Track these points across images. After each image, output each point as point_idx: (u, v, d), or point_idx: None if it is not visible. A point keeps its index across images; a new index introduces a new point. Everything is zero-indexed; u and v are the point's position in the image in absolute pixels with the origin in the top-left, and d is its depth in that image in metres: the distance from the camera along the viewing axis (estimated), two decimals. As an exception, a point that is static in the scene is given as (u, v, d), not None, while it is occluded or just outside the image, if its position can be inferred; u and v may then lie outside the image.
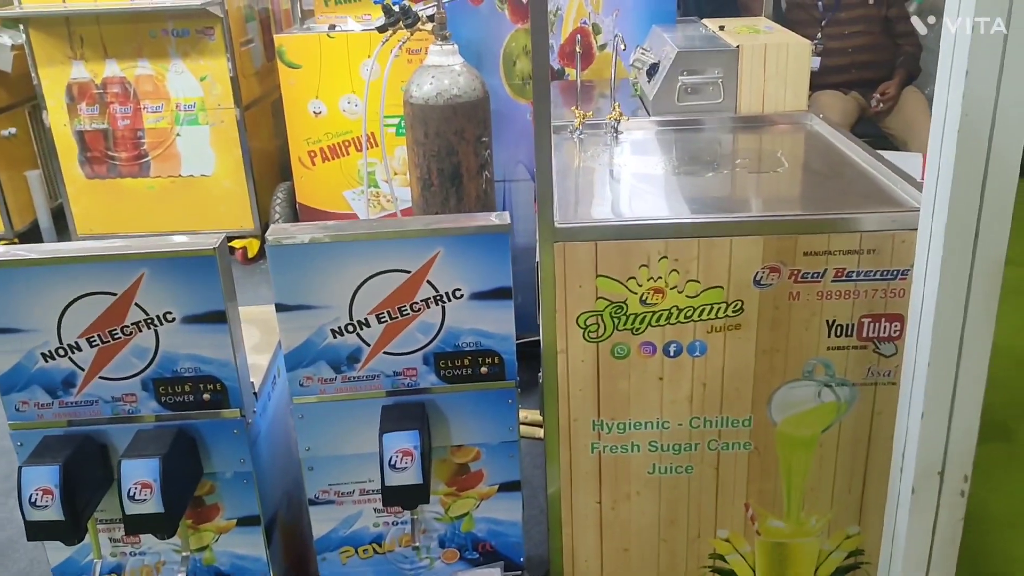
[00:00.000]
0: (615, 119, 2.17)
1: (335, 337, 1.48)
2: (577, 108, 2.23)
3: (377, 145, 3.94)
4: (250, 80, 4.27)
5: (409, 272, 1.44)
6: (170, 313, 1.41)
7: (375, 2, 2.87)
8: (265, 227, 4.37)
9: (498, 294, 1.46)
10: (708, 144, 2.12)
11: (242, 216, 4.34)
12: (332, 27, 3.92)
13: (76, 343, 1.42)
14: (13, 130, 4.48)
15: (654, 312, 1.56)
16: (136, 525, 1.37)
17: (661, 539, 1.73)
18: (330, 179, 4.01)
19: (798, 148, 2.06)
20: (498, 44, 2.97)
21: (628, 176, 1.88)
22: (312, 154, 3.96)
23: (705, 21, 2.70)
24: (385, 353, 1.50)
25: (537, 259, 1.60)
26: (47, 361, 1.43)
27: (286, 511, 1.70)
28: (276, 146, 4.69)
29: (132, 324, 1.41)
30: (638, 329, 1.58)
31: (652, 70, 2.30)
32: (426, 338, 1.49)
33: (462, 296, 1.46)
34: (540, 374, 1.66)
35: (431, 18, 2.81)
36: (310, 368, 1.50)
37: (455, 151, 2.73)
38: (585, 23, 2.91)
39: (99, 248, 1.38)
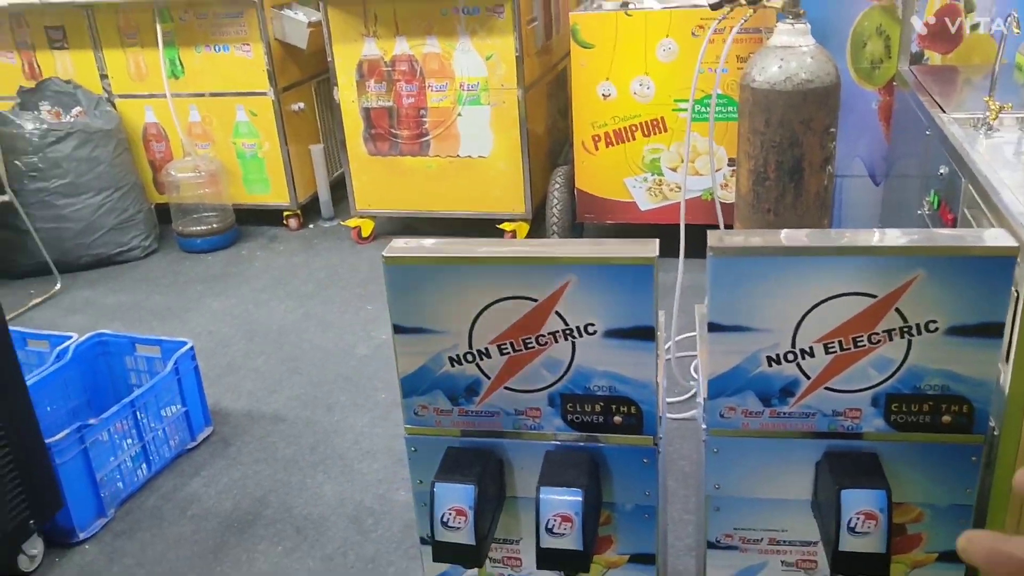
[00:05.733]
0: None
1: (771, 365, 1.26)
2: (992, 97, 1.89)
3: (666, 130, 3.72)
4: (532, 60, 4.18)
5: (875, 297, 1.20)
6: (592, 325, 1.25)
7: (715, -23, 2.63)
8: (537, 212, 4.29)
9: (983, 330, 1.19)
10: None
11: (514, 200, 4.27)
12: (625, 4, 3.73)
13: (486, 349, 1.29)
14: (301, 105, 4.65)
15: None
16: (551, 560, 1.23)
17: None
18: (612, 165, 3.83)
19: None
20: (847, 23, 2.65)
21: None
22: (596, 138, 3.79)
23: None
24: (827, 388, 1.27)
25: (1015, 286, 1.31)
26: (453, 366, 1.32)
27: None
28: (548, 129, 4.59)
29: (549, 334, 1.27)
30: None
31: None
32: (880, 375, 1.25)
33: (937, 329, 1.20)
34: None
35: (780, -6, 2.53)
36: (735, 398, 1.29)
37: (799, 142, 2.45)
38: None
39: (526, 250, 1.24)
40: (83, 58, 4.55)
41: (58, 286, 4.12)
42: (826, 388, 1.27)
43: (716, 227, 3.08)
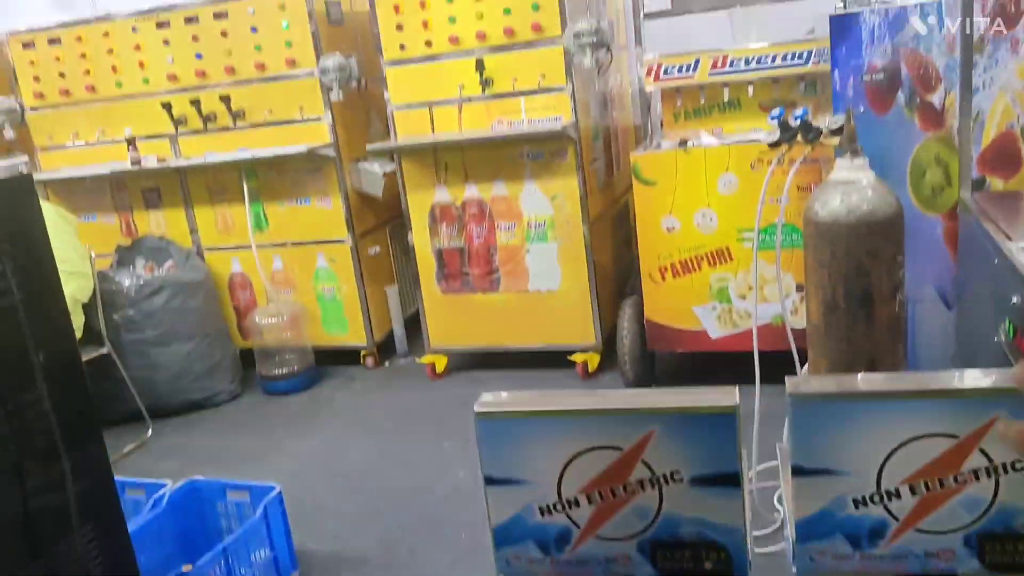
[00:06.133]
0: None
1: (857, 508, 1.28)
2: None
3: (732, 260, 3.79)
4: (595, 196, 4.34)
5: (957, 437, 1.22)
6: (678, 473, 1.29)
7: (771, 119, 2.76)
8: (607, 341, 4.36)
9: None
10: None
11: (584, 330, 4.36)
12: (684, 142, 3.89)
13: (575, 499, 1.34)
14: (377, 248, 4.87)
15: None
16: None
17: None
18: (680, 294, 3.90)
19: None
20: (905, 154, 2.73)
21: None
22: (663, 269, 3.88)
23: None
24: (917, 530, 1.27)
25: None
26: (543, 516, 1.36)
27: None
28: (614, 260, 4.70)
29: (636, 482, 1.31)
30: None
31: None
32: (971, 516, 1.25)
33: (1023, 469, 1.21)
34: None
35: (835, 131, 2.64)
36: (824, 542, 1.31)
37: (867, 272, 2.49)
38: (1012, 126, 2.59)
39: (610, 402, 1.30)
40: (175, 215, 4.89)
41: (150, 433, 4.30)
42: (916, 530, 1.28)
43: (788, 352, 3.10)
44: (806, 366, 2.81)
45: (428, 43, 4.17)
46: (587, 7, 4.23)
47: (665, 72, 3.87)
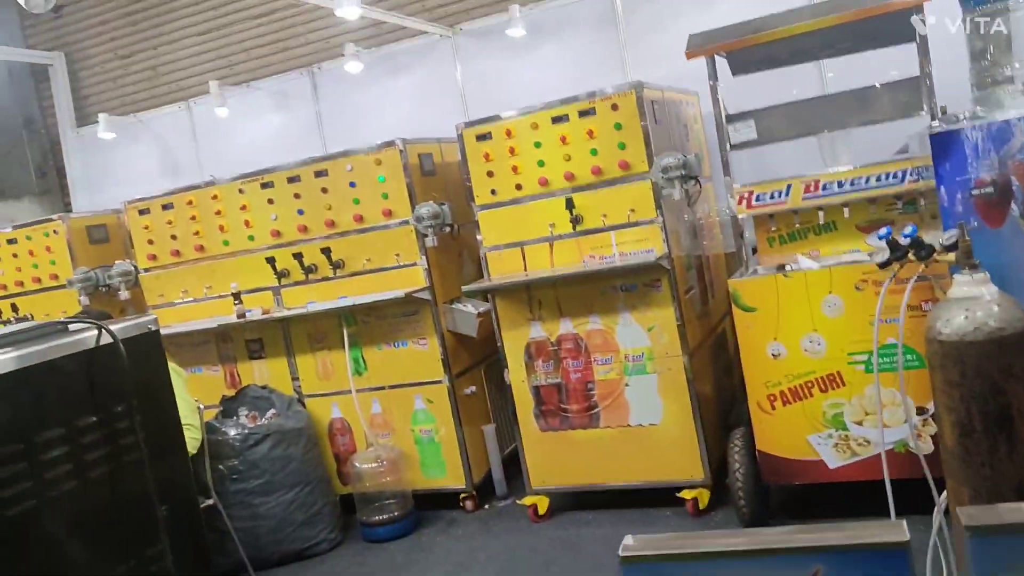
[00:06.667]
0: None
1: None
2: None
3: (844, 385, 3.65)
4: (693, 325, 4.29)
5: None
6: (850, 617, 1.19)
7: (878, 238, 2.71)
8: (716, 475, 4.19)
9: None
10: None
11: (691, 465, 4.21)
12: (782, 267, 3.84)
13: (738, 649, 1.24)
14: (473, 388, 4.87)
15: None
16: None
17: None
18: (792, 423, 3.75)
19: None
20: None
21: None
22: (772, 398, 3.76)
23: None
24: None
25: None
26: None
27: None
28: (715, 389, 4.59)
29: (804, 629, 1.21)
30: None
31: None
32: None
33: None
34: None
35: (948, 248, 2.57)
36: None
37: (1003, 390, 2.36)
38: None
39: (767, 540, 1.23)
40: (277, 364, 5.01)
41: (253, 585, 4.25)
42: None
43: (914, 480, 2.92)
44: (943, 494, 2.64)
45: (518, 187, 4.29)
46: (671, 143, 4.31)
47: (757, 199, 3.88)
